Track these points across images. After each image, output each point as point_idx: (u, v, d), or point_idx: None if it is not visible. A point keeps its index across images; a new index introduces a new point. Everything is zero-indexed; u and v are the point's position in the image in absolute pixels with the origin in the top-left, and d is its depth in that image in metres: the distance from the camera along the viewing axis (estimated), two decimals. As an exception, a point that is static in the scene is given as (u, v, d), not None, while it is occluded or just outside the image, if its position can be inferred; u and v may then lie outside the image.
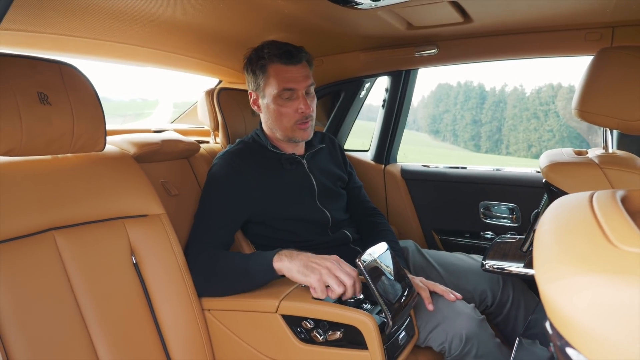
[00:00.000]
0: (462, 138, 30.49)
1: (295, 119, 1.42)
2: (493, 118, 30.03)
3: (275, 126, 1.46)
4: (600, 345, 0.33)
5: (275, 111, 1.42)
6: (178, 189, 1.48)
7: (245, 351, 1.22)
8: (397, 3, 1.22)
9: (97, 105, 1.14)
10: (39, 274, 0.99)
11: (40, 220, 1.03)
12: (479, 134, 30.43)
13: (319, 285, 1.10)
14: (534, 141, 28.34)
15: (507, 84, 28.36)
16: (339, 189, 1.58)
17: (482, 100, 30.64)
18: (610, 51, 1.14)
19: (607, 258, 0.39)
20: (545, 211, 0.62)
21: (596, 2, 1.25)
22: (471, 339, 1.19)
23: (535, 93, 28.49)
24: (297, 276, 1.13)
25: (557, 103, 24.38)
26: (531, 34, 1.50)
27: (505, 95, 29.47)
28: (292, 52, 1.40)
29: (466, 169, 1.94)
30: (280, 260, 1.16)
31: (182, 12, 1.35)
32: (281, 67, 1.40)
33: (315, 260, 1.14)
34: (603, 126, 1.19)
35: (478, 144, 30.31)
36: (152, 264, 1.19)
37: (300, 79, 1.41)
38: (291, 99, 1.41)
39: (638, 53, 1.07)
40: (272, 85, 1.41)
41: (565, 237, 0.45)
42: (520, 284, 1.48)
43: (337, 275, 1.10)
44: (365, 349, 1.07)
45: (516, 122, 29.29)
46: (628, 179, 1.05)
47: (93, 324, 1.05)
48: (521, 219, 1.81)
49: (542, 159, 1.27)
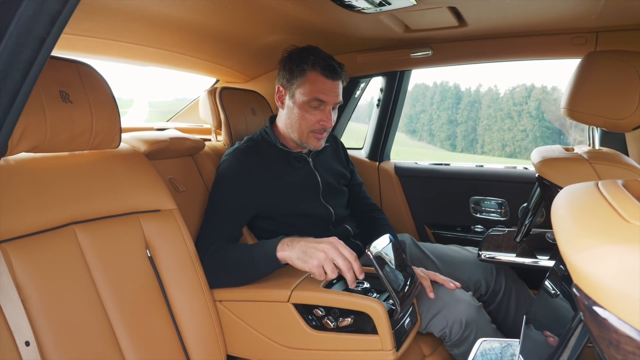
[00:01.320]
0: (438, 137, 30.85)
1: (314, 128, 1.46)
2: (468, 118, 30.47)
3: (293, 128, 1.49)
4: (624, 301, 0.40)
5: (298, 115, 1.46)
6: (184, 186, 1.52)
7: (257, 339, 1.27)
8: (401, 8, 1.29)
9: (113, 103, 1.18)
10: (62, 267, 1.02)
11: (62, 214, 1.06)
12: (454, 133, 30.82)
13: (317, 271, 1.16)
14: (508, 141, 28.88)
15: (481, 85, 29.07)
16: (341, 186, 1.64)
17: (458, 101, 31.05)
18: (597, 55, 1.23)
19: (624, 231, 0.46)
20: (556, 199, 0.70)
21: (582, 9, 1.34)
22: (470, 324, 1.27)
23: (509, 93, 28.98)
24: (297, 263, 1.19)
25: (543, 103, 24.93)
26: (521, 37, 1.60)
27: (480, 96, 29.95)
28: (335, 69, 1.44)
29: (457, 166, 2.03)
30: (282, 250, 1.21)
31: (189, 13, 1.39)
32: (320, 77, 1.43)
33: (313, 245, 1.19)
34: (591, 124, 1.28)
35: (454, 143, 30.71)
36: (165, 257, 1.23)
37: (333, 95, 1.45)
38: (317, 109, 1.45)
39: (623, 57, 1.16)
40: (305, 91, 1.43)
41: (583, 217, 0.53)
42: (512, 274, 1.57)
43: (333, 259, 1.15)
44: (375, 334, 1.13)
45: (491, 122, 29.80)
46: (615, 173, 1.14)
47: (113, 313, 1.09)
48: (509, 213, 1.91)
49: (534, 155, 1.36)
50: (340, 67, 1.47)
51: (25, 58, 0.56)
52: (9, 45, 0.55)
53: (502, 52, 1.68)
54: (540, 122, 26.91)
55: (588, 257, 0.45)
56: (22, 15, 0.54)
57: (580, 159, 1.20)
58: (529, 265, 1.35)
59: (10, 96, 0.57)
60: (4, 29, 0.55)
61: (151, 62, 1.78)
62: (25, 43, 0.55)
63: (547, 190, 1.24)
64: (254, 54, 1.86)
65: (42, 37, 0.56)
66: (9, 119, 0.58)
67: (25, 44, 0.55)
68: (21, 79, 0.57)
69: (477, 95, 30.91)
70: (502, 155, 27.40)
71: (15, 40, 0.55)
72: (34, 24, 0.55)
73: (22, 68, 0.56)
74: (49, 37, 0.57)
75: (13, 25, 0.54)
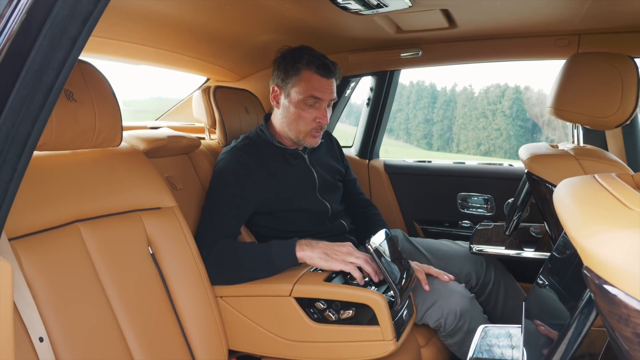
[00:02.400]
0: (415, 136, 31.06)
1: (312, 126, 1.49)
2: (444, 117, 30.78)
3: (290, 126, 1.52)
4: (632, 279, 0.45)
5: (295, 113, 1.49)
6: (181, 184, 1.53)
7: (259, 334, 1.30)
8: (396, 10, 1.33)
9: (115, 101, 1.19)
10: (69, 264, 1.03)
11: (67, 212, 1.07)
12: (431, 132, 31.10)
13: (344, 266, 1.24)
14: (483, 139, 29.33)
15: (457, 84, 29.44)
16: (336, 181, 1.68)
17: (434, 100, 31.32)
18: (582, 56, 1.30)
19: (628, 217, 0.51)
20: (558, 192, 0.75)
21: (566, 13, 1.41)
22: (464, 314, 1.33)
23: (483, 93, 29.39)
24: (320, 262, 1.26)
25: (526, 105, 25.44)
26: (508, 39, 1.67)
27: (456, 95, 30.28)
28: (329, 67, 1.48)
29: (445, 164, 2.09)
30: (302, 250, 1.27)
31: (185, 12, 1.40)
32: (315, 76, 1.46)
33: (333, 247, 1.28)
34: (576, 122, 1.35)
35: (430, 142, 30.99)
36: (167, 254, 1.25)
37: (328, 92, 1.49)
38: (313, 107, 1.48)
39: (607, 58, 1.23)
40: (301, 89, 1.47)
41: (590, 206, 0.58)
42: (501, 266, 1.64)
43: (354, 256, 1.25)
44: (376, 325, 1.17)
45: (466, 121, 30.18)
46: (600, 168, 1.21)
47: (119, 310, 1.10)
48: (495, 208, 1.98)
49: (522, 152, 1.42)
50: (334, 65, 1.50)
51: (60, 57, 0.58)
52: (43, 45, 0.56)
53: (490, 53, 1.74)
54: (514, 120, 27.40)
55: (598, 241, 0.50)
56: (57, 15, 0.56)
57: (567, 155, 1.27)
58: (518, 257, 1.41)
59: (45, 94, 0.58)
60: (38, 30, 0.57)
61: (144, 60, 1.79)
62: (60, 43, 0.57)
63: (536, 186, 1.30)
64: (246, 53, 1.88)
65: (75, 37, 0.58)
66: (42, 116, 0.60)
67: (60, 43, 0.57)
68: (54, 78, 0.58)
69: (452, 94, 31.24)
70: (477, 154, 27.80)
71: (49, 40, 0.57)
72: (68, 24, 0.57)
73: (56, 67, 0.58)
74: (81, 36, 0.59)
75: (47, 26, 0.56)
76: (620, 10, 1.34)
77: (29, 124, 0.58)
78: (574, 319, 0.56)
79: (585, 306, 0.55)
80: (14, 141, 0.58)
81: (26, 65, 0.57)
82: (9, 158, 0.58)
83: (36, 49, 0.56)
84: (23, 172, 0.62)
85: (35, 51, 0.57)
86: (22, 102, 0.57)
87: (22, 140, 0.58)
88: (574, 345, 0.57)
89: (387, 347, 1.16)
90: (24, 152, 0.60)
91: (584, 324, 0.58)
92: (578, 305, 0.57)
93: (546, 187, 1.27)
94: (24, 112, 0.57)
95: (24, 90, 0.57)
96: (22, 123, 0.57)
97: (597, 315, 0.56)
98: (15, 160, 0.59)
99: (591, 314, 0.56)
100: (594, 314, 0.56)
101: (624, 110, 1.22)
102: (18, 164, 0.60)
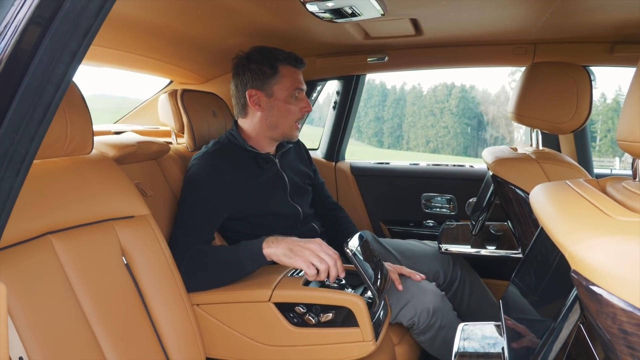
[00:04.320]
0: (366, 134, 31.52)
1: (298, 117, 1.55)
2: (394, 115, 31.44)
3: (278, 124, 1.54)
4: (617, 281, 0.50)
5: (284, 110, 1.52)
6: (151, 190, 1.50)
7: (238, 340, 1.29)
8: (368, 19, 1.37)
9: (86, 108, 1.15)
10: (43, 278, 1.00)
11: (38, 224, 1.03)
12: (381, 130, 31.67)
13: (304, 265, 1.22)
14: (432, 137, 30.19)
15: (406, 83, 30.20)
16: (306, 185, 1.70)
17: (384, 98, 31.89)
18: (541, 65, 1.39)
19: (610, 225, 0.57)
20: (535, 198, 0.81)
21: (524, 24, 1.50)
22: (437, 312, 1.38)
23: (431, 92, 30.30)
24: (283, 259, 1.24)
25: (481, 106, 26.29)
26: (470, 47, 1.75)
27: (405, 94, 30.99)
28: (301, 59, 1.55)
29: (409, 165, 2.16)
30: (268, 247, 1.26)
31: (150, 14, 1.37)
32: (293, 69, 1.53)
33: (299, 243, 1.26)
34: (535, 127, 1.44)
35: (381, 140, 31.56)
36: (142, 264, 1.22)
37: (303, 81, 1.57)
38: (298, 99, 1.54)
39: (563, 68, 1.33)
40: (285, 85, 1.51)
41: (573, 215, 0.63)
42: (466, 264, 1.72)
43: (319, 256, 1.22)
44: (355, 327, 1.20)
45: (415, 119, 30.96)
46: (560, 171, 1.30)
47: (95, 323, 1.07)
48: (457, 208, 2.07)
49: (486, 155, 1.50)
50: (301, 57, 1.57)
51: (60, 72, 0.57)
52: (44, 60, 0.55)
53: (453, 59, 1.82)
54: (460, 118, 28.33)
55: (584, 247, 0.55)
56: (57, 30, 0.55)
57: (529, 158, 1.35)
58: (485, 255, 1.49)
59: (44, 110, 0.57)
60: (37, 44, 0.55)
61: (107, 63, 1.73)
62: (61, 57, 0.56)
63: (501, 187, 1.37)
64: (213, 56, 1.86)
65: (75, 52, 0.57)
66: (40, 133, 0.58)
67: (60, 58, 0.56)
68: (53, 94, 0.57)
69: (402, 93, 31.95)
70: (426, 151, 28.57)
71: (50, 55, 0.55)
72: (69, 39, 0.56)
73: (56, 82, 0.57)
74: (80, 51, 0.58)
75: (47, 40, 0.55)
76: (574, 22, 1.44)
77: (28, 141, 0.57)
78: (561, 318, 0.61)
79: (571, 306, 0.60)
80: (12, 159, 0.56)
81: (25, 80, 0.55)
82: (7, 177, 0.57)
83: (36, 63, 0.55)
84: (19, 190, 0.60)
85: (36, 66, 0.55)
86: (21, 119, 0.55)
87: (20, 159, 0.57)
88: (562, 342, 0.62)
89: (367, 348, 1.19)
90: (21, 170, 0.58)
91: (571, 322, 0.63)
92: (564, 304, 0.62)
93: (510, 189, 1.34)
94: (23, 129, 0.55)
95: (24, 106, 0.55)
96: (21, 140, 0.56)
97: (581, 314, 0.62)
98: (12, 178, 0.58)
99: (576, 313, 0.61)
100: (578, 313, 0.61)
101: (579, 116, 1.31)
102: (15, 182, 0.58)
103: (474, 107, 27.16)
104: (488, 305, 1.70)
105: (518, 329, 0.79)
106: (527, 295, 0.82)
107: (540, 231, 0.86)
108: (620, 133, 0.69)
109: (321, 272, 1.22)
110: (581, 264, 0.55)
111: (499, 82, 25.43)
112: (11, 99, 0.56)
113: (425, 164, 2.16)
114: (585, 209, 0.63)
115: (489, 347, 0.88)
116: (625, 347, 0.52)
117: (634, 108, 0.67)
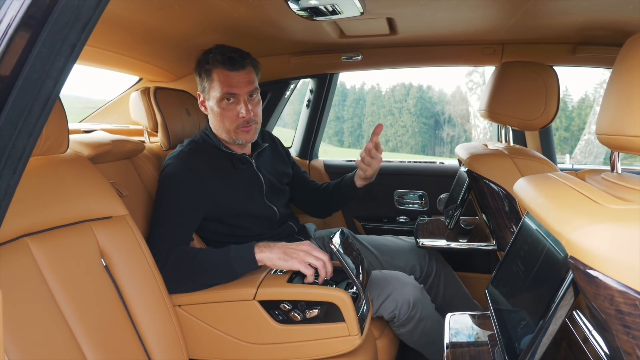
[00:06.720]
0: (327, 134, 31.52)
1: (237, 122, 1.47)
2: (354, 114, 31.72)
3: (219, 128, 1.50)
4: (613, 264, 0.54)
5: (218, 114, 1.47)
6: (126, 190, 1.46)
7: (222, 340, 1.28)
8: (346, 17, 1.38)
9: (60, 105, 1.11)
10: (20, 283, 0.96)
11: (14, 227, 0.99)
12: (342, 129, 31.90)
13: (302, 266, 1.23)
14: (391, 136, 30.69)
15: (365, 83, 30.39)
16: (284, 185, 1.69)
17: (344, 98, 32.11)
18: (512, 65, 1.44)
19: (602, 213, 0.60)
20: (522, 190, 0.85)
21: (494, 24, 1.55)
22: (417, 304, 1.42)
23: (390, 92, 30.75)
24: (279, 262, 1.25)
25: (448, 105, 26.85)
26: (442, 46, 1.79)
27: (364, 94, 31.32)
28: (236, 59, 1.44)
29: (382, 163, 2.19)
30: (261, 252, 1.26)
31: (124, 9, 1.33)
32: (224, 72, 1.44)
33: (291, 246, 1.28)
34: (507, 124, 1.50)
35: (342, 139, 31.78)
36: (122, 265, 1.19)
37: (243, 84, 1.45)
38: (233, 104, 1.46)
39: (533, 67, 1.39)
40: (216, 90, 1.45)
41: (567, 205, 0.66)
42: (440, 258, 1.76)
43: (314, 255, 1.26)
44: (341, 321, 1.21)
45: (374, 119, 31.32)
46: (530, 165, 1.35)
47: (76, 327, 1.03)
48: (429, 203, 2.12)
49: (460, 151, 1.55)
50: (243, 57, 1.46)
51: (59, 65, 0.55)
52: (43, 52, 0.53)
53: (424, 58, 1.87)
54: (418, 118, 28.89)
55: (581, 234, 0.58)
56: (57, 21, 0.53)
57: (502, 154, 1.40)
58: (462, 248, 1.54)
59: (42, 105, 0.55)
60: (36, 36, 0.53)
61: (74, 59, 1.66)
62: (60, 50, 0.54)
63: (476, 182, 1.42)
64: (185, 53, 1.82)
65: (74, 44, 0.55)
66: (37, 128, 0.56)
67: (60, 51, 0.54)
68: (52, 88, 0.55)
69: (361, 93, 32.28)
70: (385, 150, 28.89)
71: (49, 48, 0.53)
72: (69, 31, 0.54)
73: (55, 76, 0.55)
74: (79, 43, 0.56)
75: (46, 32, 0.53)
76: (541, 24, 1.50)
77: (26, 137, 0.55)
78: (556, 305, 0.65)
79: (565, 292, 0.64)
80: (10, 155, 0.54)
81: (24, 74, 0.53)
82: (5, 174, 0.55)
83: (35, 56, 0.53)
84: (15, 188, 0.58)
85: (34, 59, 0.53)
86: (20, 113, 0.53)
87: (18, 155, 0.55)
88: (557, 325, 0.65)
89: (353, 342, 1.21)
90: (19, 166, 0.56)
91: (565, 307, 0.66)
92: (556, 289, 0.66)
93: (485, 183, 1.39)
94: (22, 124, 0.53)
95: (23, 100, 0.53)
96: (20, 136, 0.54)
97: (574, 300, 0.65)
98: (10, 175, 0.55)
99: (571, 299, 0.64)
100: (572, 299, 0.65)
101: (547, 113, 1.38)
102: (12, 180, 0.56)
103: (431, 106, 27.78)
104: (461, 297, 1.75)
105: (510, 316, 0.82)
106: (515, 284, 0.86)
107: (523, 223, 0.90)
108: (599, 127, 0.73)
109: (320, 269, 1.24)
110: (579, 250, 0.58)
111: (454, 83, 26.15)
112: (9, 93, 0.53)
113: (398, 161, 2.20)
114: (576, 199, 0.67)
115: (478, 335, 0.91)
116: (621, 326, 0.55)
117: (612, 103, 0.71)
